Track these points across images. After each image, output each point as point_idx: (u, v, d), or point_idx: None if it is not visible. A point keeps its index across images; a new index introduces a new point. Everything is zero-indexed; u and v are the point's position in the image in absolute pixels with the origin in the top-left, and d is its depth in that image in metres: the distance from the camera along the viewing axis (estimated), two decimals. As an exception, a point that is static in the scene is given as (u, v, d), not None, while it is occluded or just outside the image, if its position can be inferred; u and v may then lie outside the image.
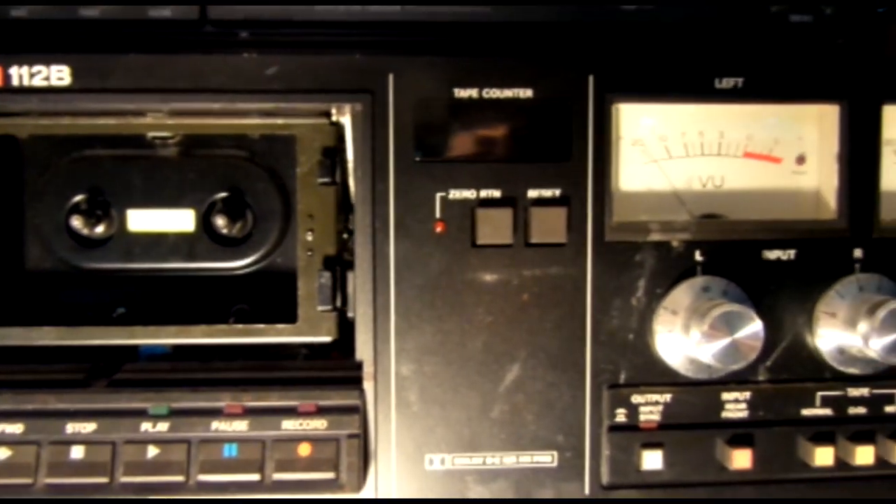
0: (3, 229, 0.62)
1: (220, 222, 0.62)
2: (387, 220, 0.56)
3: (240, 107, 0.57)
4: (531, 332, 0.57)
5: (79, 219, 0.61)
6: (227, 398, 0.55)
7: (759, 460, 0.58)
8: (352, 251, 0.58)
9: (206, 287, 0.64)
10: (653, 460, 0.58)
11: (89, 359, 0.60)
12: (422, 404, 0.57)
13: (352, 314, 0.58)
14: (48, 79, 0.55)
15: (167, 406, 0.55)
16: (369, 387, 0.57)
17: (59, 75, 0.55)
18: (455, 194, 0.57)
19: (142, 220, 0.63)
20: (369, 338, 0.57)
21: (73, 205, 0.62)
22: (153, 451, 0.54)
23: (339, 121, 0.60)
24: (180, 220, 0.63)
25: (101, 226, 0.62)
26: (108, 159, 0.62)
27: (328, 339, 0.59)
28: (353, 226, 0.57)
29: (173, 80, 0.55)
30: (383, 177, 0.56)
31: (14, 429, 0.53)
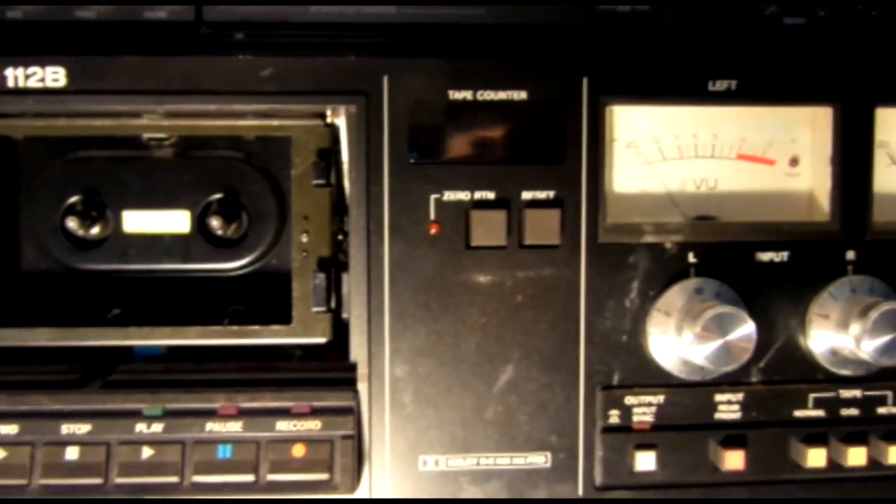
0: None
1: (216, 223, 0.62)
2: (381, 221, 0.57)
3: (235, 108, 0.57)
4: (525, 333, 0.58)
5: (74, 220, 0.61)
6: (221, 399, 0.55)
7: (751, 461, 0.59)
8: (347, 252, 0.58)
9: (202, 288, 0.64)
10: (646, 461, 0.58)
11: (84, 360, 0.60)
12: (416, 405, 0.57)
13: (346, 315, 0.59)
14: (43, 80, 0.55)
15: (162, 407, 0.55)
16: (363, 388, 0.57)
17: (54, 77, 0.55)
18: (449, 196, 0.57)
19: (137, 221, 0.63)
20: (364, 339, 0.57)
21: (68, 206, 0.62)
22: (148, 452, 0.54)
23: (333, 122, 0.60)
24: (175, 221, 0.63)
25: (97, 227, 0.62)
26: (104, 160, 0.62)
27: (322, 340, 0.60)
28: (348, 227, 0.58)
29: (168, 82, 0.56)
30: (378, 178, 0.57)
31: (8, 430, 0.54)
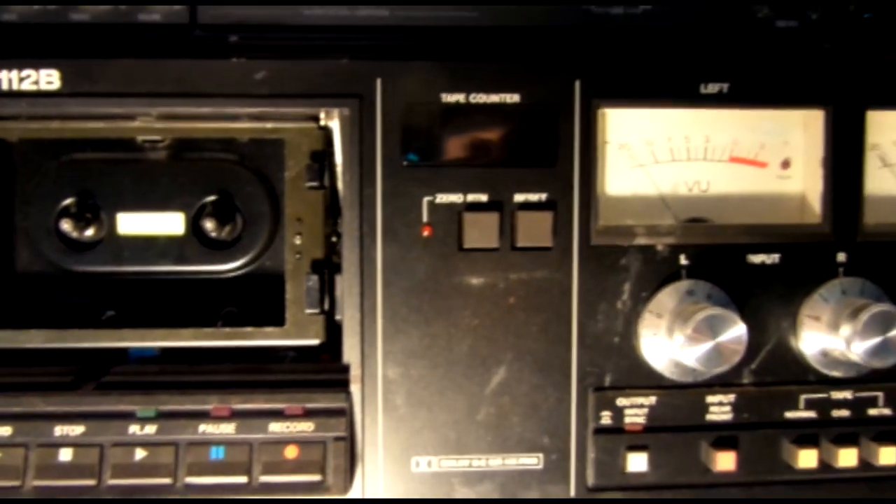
0: None
1: (210, 225, 0.62)
2: (374, 223, 0.57)
3: (228, 111, 0.57)
4: (517, 335, 0.58)
5: (68, 222, 0.61)
6: (214, 401, 0.55)
7: (743, 462, 0.59)
8: (340, 254, 0.58)
9: (196, 290, 0.64)
10: (638, 462, 0.58)
11: (79, 361, 0.60)
12: (408, 407, 0.58)
13: (339, 317, 0.59)
14: (37, 83, 0.55)
15: (155, 409, 0.55)
16: (356, 389, 0.57)
17: (48, 79, 0.55)
18: (442, 198, 0.57)
19: (131, 223, 0.63)
20: (356, 341, 0.57)
21: (62, 208, 0.62)
22: (141, 454, 0.54)
23: (327, 125, 0.60)
24: (170, 223, 0.63)
25: (91, 229, 0.62)
26: (98, 163, 0.62)
27: (316, 341, 0.60)
28: (342, 229, 0.58)
29: (162, 85, 0.56)
30: (371, 181, 0.57)
31: (2, 431, 0.54)
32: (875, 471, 0.60)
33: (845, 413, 0.60)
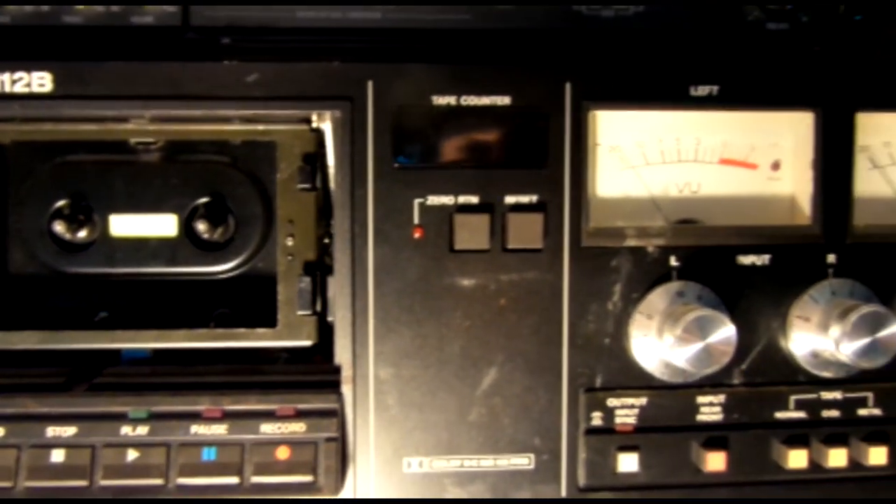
0: None
1: (202, 227, 0.62)
2: (366, 225, 0.57)
3: (220, 113, 0.57)
4: (508, 336, 0.58)
5: (61, 224, 0.61)
6: (206, 402, 0.56)
7: (733, 463, 0.59)
8: (333, 256, 0.59)
9: (189, 291, 0.64)
10: (629, 463, 0.59)
11: (71, 363, 0.61)
12: (400, 408, 0.58)
13: (332, 318, 0.59)
14: (29, 85, 0.55)
15: (147, 410, 0.55)
16: (348, 390, 0.57)
17: (40, 82, 0.55)
18: (433, 200, 0.57)
19: (124, 224, 0.63)
20: (348, 342, 0.57)
21: (55, 210, 0.62)
22: (133, 455, 0.54)
23: (319, 127, 0.60)
24: (162, 225, 0.63)
25: (84, 230, 0.62)
26: (91, 165, 0.63)
27: (308, 343, 0.60)
28: (334, 231, 0.58)
29: (154, 87, 0.56)
30: (362, 183, 0.57)
31: (-6, 432, 0.54)
32: (865, 471, 0.60)
33: (835, 413, 0.60)
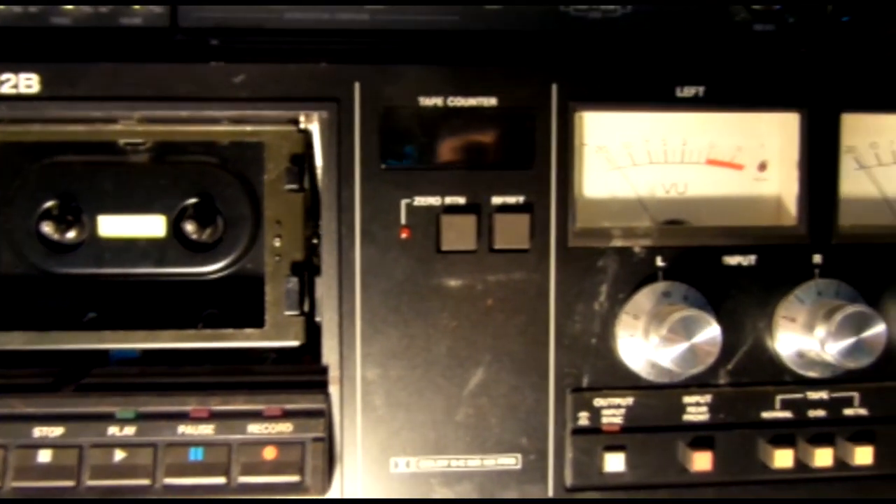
0: None
1: (190, 228, 0.62)
2: (353, 226, 0.57)
3: (208, 114, 0.57)
4: (495, 336, 0.58)
5: (49, 224, 0.61)
6: (193, 402, 0.56)
7: (719, 462, 0.59)
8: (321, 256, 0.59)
9: (177, 292, 0.64)
10: (615, 462, 0.59)
11: (60, 363, 0.61)
12: (387, 408, 0.58)
13: (319, 319, 0.59)
14: (17, 86, 0.55)
15: (134, 410, 0.55)
16: (335, 391, 0.57)
17: (27, 83, 0.55)
18: (420, 201, 0.57)
19: (112, 225, 0.63)
20: (335, 342, 0.57)
21: (43, 210, 0.62)
22: (120, 455, 0.54)
23: (307, 128, 0.60)
24: (151, 225, 0.63)
25: (72, 231, 0.62)
26: (79, 165, 0.63)
27: (295, 343, 0.60)
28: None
29: (142, 88, 0.56)
30: (349, 183, 0.57)
31: (-19, 433, 0.54)
32: (850, 470, 0.60)
33: (821, 413, 0.61)
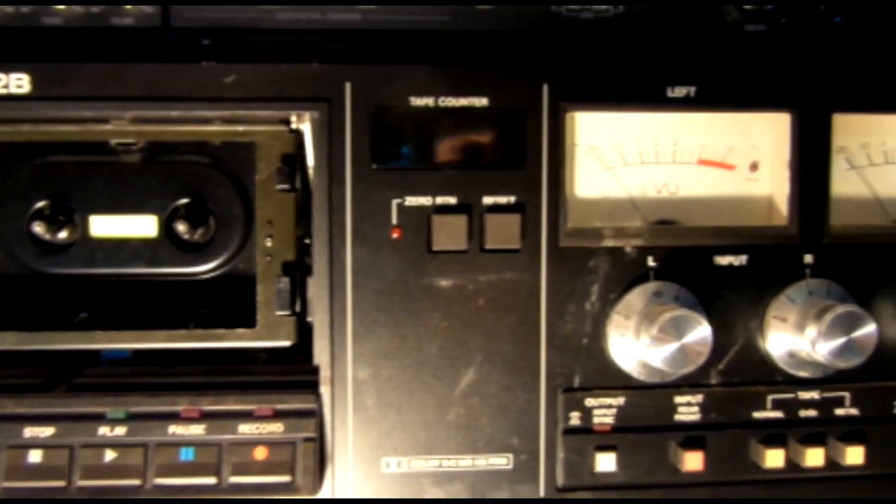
0: None
1: (182, 228, 0.62)
2: (344, 226, 0.57)
3: (199, 114, 0.57)
4: (486, 336, 0.58)
5: (41, 225, 0.61)
6: (184, 402, 0.56)
7: (710, 462, 0.59)
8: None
9: (169, 292, 0.64)
10: (606, 462, 0.59)
11: (52, 363, 0.61)
12: (378, 408, 0.58)
13: (311, 319, 0.59)
14: (7, 86, 0.55)
15: (125, 410, 0.55)
16: (326, 391, 0.57)
17: (18, 83, 0.55)
18: (411, 201, 0.58)
19: (104, 225, 0.63)
20: (326, 342, 0.57)
21: (35, 211, 0.62)
22: (110, 455, 0.54)
23: (298, 128, 0.60)
24: (143, 225, 0.63)
25: (64, 231, 0.62)
26: (71, 165, 0.62)
27: (287, 343, 0.60)
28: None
29: (133, 88, 0.56)
30: (340, 183, 0.57)
31: (-29, 433, 0.54)
32: (842, 470, 0.60)
33: (812, 413, 0.61)
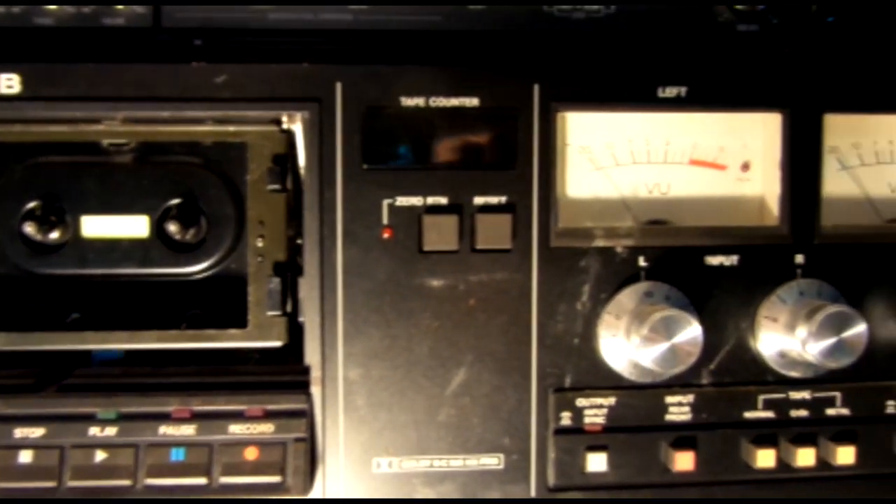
0: None
1: (174, 228, 0.62)
2: (335, 226, 0.57)
3: (190, 115, 0.57)
4: (477, 336, 0.58)
5: (32, 225, 0.61)
6: (175, 403, 0.56)
7: (702, 462, 0.60)
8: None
9: (161, 292, 0.64)
10: (597, 462, 0.59)
11: (44, 364, 0.61)
12: (369, 408, 0.58)
13: (303, 319, 0.59)
14: (-3, 87, 0.55)
15: (116, 411, 0.55)
16: (317, 391, 0.57)
17: (8, 83, 0.55)
18: (402, 201, 0.58)
19: (96, 226, 0.63)
20: (317, 343, 0.57)
21: (26, 211, 0.62)
22: (101, 456, 0.54)
23: (290, 128, 0.60)
24: (134, 225, 0.63)
25: (55, 232, 0.62)
26: (63, 166, 0.62)
27: (278, 343, 0.60)
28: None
29: (124, 89, 0.56)
30: (331, 184, 0.57)
31: (-39, 434, 0.54)
32: (833, 470, 0.61)
33: (803, 413, 0.61)
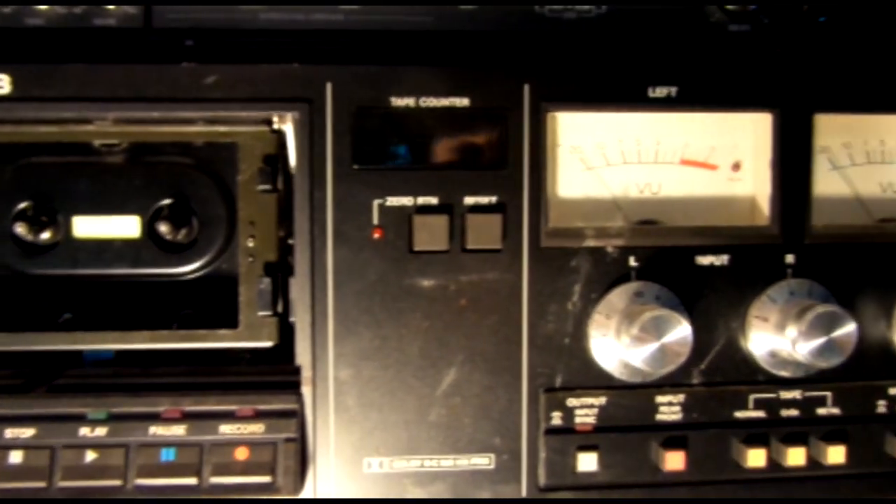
0: None
1: (165, 229, 0.62)
2: (325, 226, 0.57)
3: (180, 115, 0.57)
4: (468, 336, 0.58)
5: (23, 226, 0.61)
6: (166, 403, 0.56)
7: (692, 462, 0.60)
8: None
9: (153, 293, 0.64)
10: (588, 462, 0.59)
11: (35, 364, 0.61)
12: (360, 408, 0.58)
13: (293, 319, 0.59)
14: (-13, 88, 0.55)
15: (106, 411, 0.55)
16: (308, 391, 0.57)
17: (-2, 84, 0.56)
18: (392, 201, 0.58)
19: (87, 226, 0.63)
20: (308, 343, 0.57)
21: (18, 212, 0.62)
22: (91, 456, 0.54)
23: (280, 129, 0.60)
24: (125, 226, 0.63)
25: (47, 232, 0.62)
26: (54, 166, 0.63)
27: (269, 343, 0.60)
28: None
29: (115, 89, 0.56)
30: (321, 184, 0.57)
31: (-49, 434, 0.54)
32: (823, 470, 0.61)
33: (794, 413, 0.61)
